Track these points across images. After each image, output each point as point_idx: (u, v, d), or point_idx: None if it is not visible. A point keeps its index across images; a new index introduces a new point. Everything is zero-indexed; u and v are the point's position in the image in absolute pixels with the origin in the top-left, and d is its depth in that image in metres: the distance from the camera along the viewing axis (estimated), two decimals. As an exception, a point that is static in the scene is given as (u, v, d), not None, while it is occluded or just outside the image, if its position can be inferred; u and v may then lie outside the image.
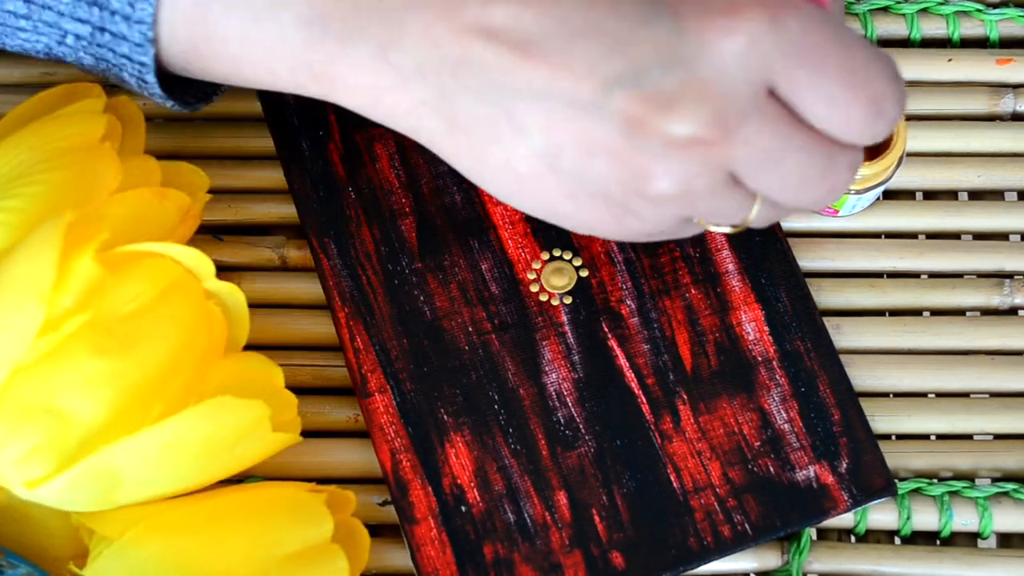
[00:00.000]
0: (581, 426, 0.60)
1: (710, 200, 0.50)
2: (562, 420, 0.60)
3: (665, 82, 0.47)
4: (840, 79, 0.47)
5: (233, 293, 0.54)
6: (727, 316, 0.62)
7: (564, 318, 0.61)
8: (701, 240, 0.63)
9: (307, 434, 0.61)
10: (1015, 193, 0.68)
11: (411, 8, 0.49)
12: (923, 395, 0.64)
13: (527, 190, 0.52)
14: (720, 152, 0.48)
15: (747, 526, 0.59)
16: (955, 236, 0.67)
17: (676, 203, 0.50)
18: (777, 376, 0.61)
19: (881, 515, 0.62)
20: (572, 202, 0.51)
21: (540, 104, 0.49)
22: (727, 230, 0.54)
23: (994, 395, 0.64)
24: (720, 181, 0.49)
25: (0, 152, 0.54)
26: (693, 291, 0.62)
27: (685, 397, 0.60)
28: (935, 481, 0.62)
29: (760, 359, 0.61)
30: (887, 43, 0.69)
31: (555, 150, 0.49)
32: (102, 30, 0.53)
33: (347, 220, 0.63)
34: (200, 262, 0.53)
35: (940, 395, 0.64)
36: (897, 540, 0.62)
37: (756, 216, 0.52)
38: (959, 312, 0.65)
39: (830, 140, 0.49)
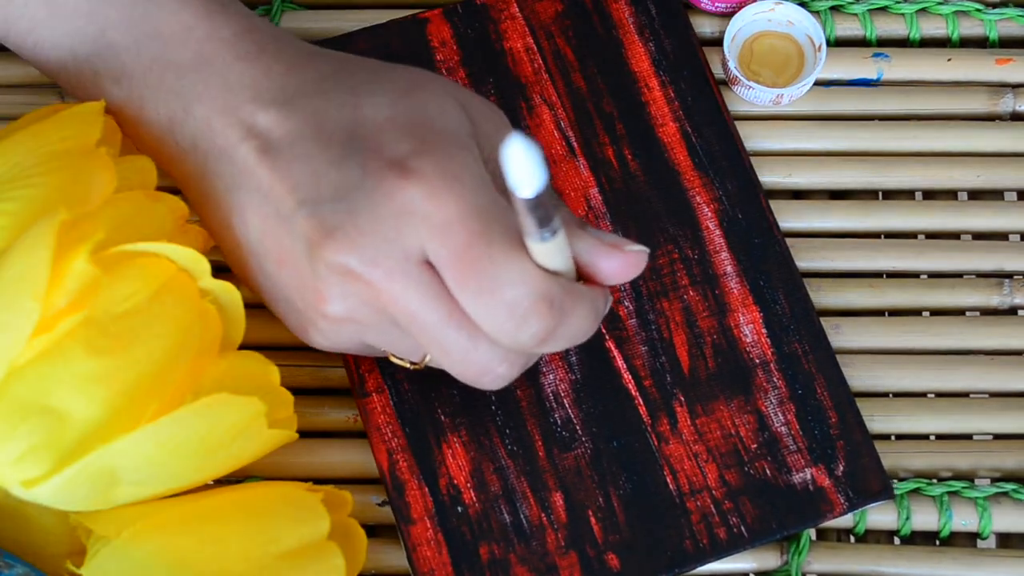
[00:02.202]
0: (578, 427, 0.60)
1: (379, 334, 0.55)
2: (559, 421, 0.60)
3: (332, 216, 0.52)
4: (477, 276, 0.51)
5: (228, 292, 0.54)
6: (725, 318, 0.62)
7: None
8: (700, 242, 0.63)
9: (306, 434, 0.61)
10: (1015, 193, 0.67)
11: (201, 98, 0.56)
12: (922, 395, 0.64)
13: (244, 274, 0.57)
14: (374, 295, 0.52)
15: (743, 528, 0.58)
16: (955, 236, 0.66)
17: (347, 327, 0.54)
18: (775, 378, 0.61)
19: (880, 515, 0.61)
20: (270, 300, 0.57)
21: (261, 206, 0.54)
22: (407, 365, 0.57)
23: (994, 395, 0.64)
24: (384, 320, 0.53)
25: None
26: (691, 293, 0.62)
27: (682, 399, 0.60)
28: (934, 481, 0.62)
29: (758, 361, 0.61)
30: (886, 43, 0.69)
31: (262, 251, 0.55)
32: None
33: (345, 219, 0.63)
34: (195, 261, 0.53)
35: (939, 395, 0.64)
36: (896, 540, 0.62)
37: (431, 361, 0.56)
38: (959, 312, 0.65)
39: (475, 325, 0.52)
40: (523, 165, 0.43)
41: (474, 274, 0.50)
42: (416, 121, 0.53)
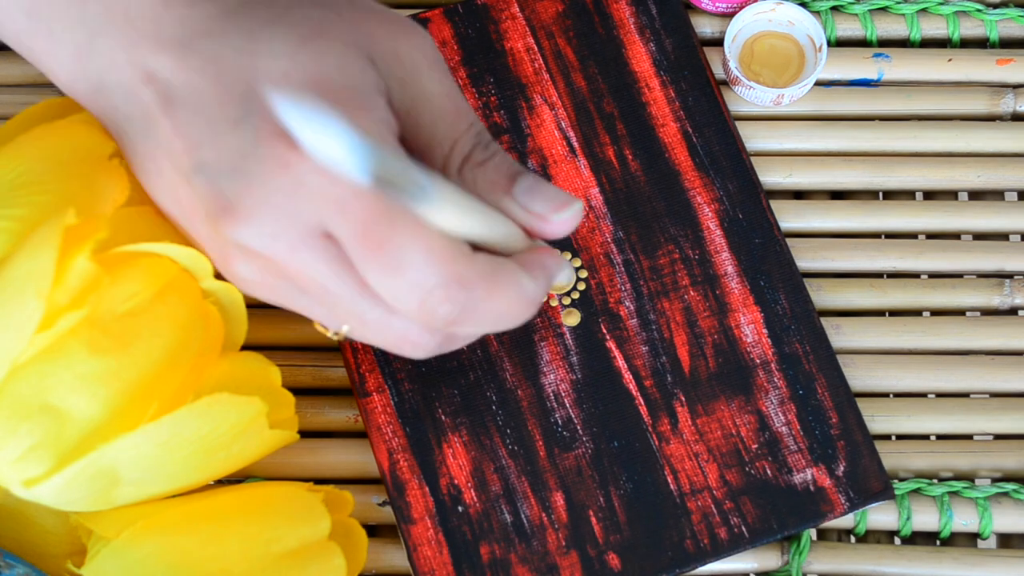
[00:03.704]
0: (579, 427, 0.60)
1: (289, 301, 0.52)
2: (560, 421, 0.60)
3: (227, 187, 0.49)
4: (379, 256, 0.47)
5: (230, 292, 0.54)
6: (726, 318, 0.62)
7: (562, 319, 0.61)
8: (700, 242, 0.63)
9: (307, 434, 0.61)
10: (1015, 193, 0.67)
11: (104, 30, 0.52)
12: (923, 395, 0.64)
13: (166, 212, 0.54)
14: (279, 268, 0.49)
15: (744, 529, 0.58)
16: (955, 236, 0.66)
17: (260, 289, 0.52)
18: (775, 379, 0.61)
19: (881, 515, 0.61)
20: (196, 245, 0.53)
21: (165, 158, 0.51)
22: (329, 334, 0.54)
23: (994, 395, 0.64)
24: (291, 289, 0.51)
25: (6, 156, 0.54)
26: (692, 293, 0.62)
27: (683, 399, 0.60)
28: (935, 481, 0.62)
29: (758, 361, 0.61)
30: (887, 43, 0.69)
31: (174, 200, 0.52)
32: None
33: (346, 220, 0.63)
34: (197, 261, 0.53)
35: (940, 395, 0.64)
36: (897, 540, 0.62)
37: (351, 332, 0.53)
38: (959, 312, 0.65)
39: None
40: (333, 148, 0.40)
41: (376, 254, 0.47)
42: (312, 77, 0.49)
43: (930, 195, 0.68)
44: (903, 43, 0.69)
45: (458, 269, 0.48)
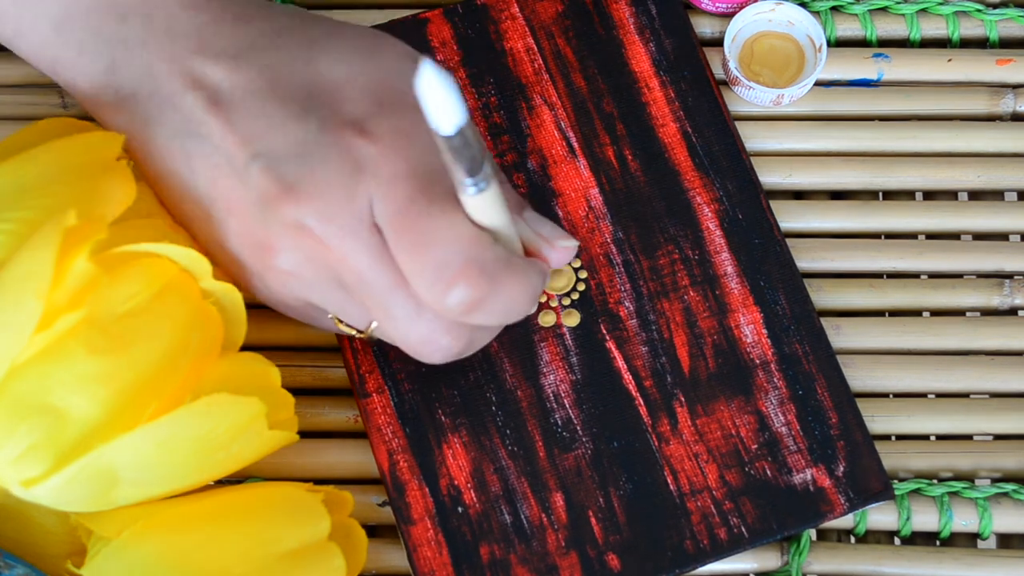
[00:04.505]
0: (578, 428, 0.60)
1: (324, 294, 0.55)
2: (559, 421, 0.60)
3: (289, 171, 0.52)
4: (411, 231, 0.51)
5: (230, 292, 0.54)
6: (725, 318, 0.62)
7: (562, 319, 0.61)
8: (700, 242, 0.63)
9: (306, 435, 0.61)
10: (1015, 193, 0.67)
11: (143, 44, 0.55)
12: (923, 395, 0.64)
13: (187, 222, 0.57)
14: (324, 252, 0.52)
15: (743, 529, 0.58)
16: (955, 236, 0.66)
17: (293, 282, 0.55)
18: (775, 379, 0.61)
19: (881, 515, 0.61)
20: (215, 248, 0.56)
21: (210, 155, 0.54)
22: (353, 332, 0.57)
23: (994, 395, 0.64)
24: (331, 279, 0.54)
25: (14, 163, 0.54)
26: (692, 293, 0.62)
27: (683, 399, 0.60)
28: (935, 481, 0.62)
29: (758, 362, 0.61)
30: (887, 43, 0.69)
31: (210, 199, 0.55)
32: None
33: (346, 220, 0.63)
34: (196, 262, 0.53)
35: (940, 395, 0.64)
36: (897, 540, 0.62)
37: (377, 330, 0.56)
38: (959, 312, 0.65)
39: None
40: (438, 97, 0.43)
41: (408, 230, 0.51)
42: (375, 81, 0.54)
43: (930, 195, 0.68)
44: (903, 43, 0.69)
45: (481, 253, 0.51)
